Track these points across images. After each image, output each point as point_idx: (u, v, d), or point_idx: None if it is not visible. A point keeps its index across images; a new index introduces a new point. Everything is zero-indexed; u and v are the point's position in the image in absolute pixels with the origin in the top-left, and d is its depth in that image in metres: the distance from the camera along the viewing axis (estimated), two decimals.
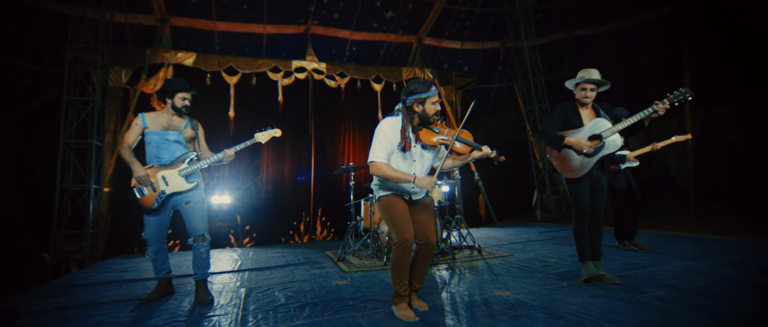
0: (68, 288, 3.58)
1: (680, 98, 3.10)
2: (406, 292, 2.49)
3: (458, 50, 8.95)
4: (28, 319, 2.68)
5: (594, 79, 3.17)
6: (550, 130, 3.21)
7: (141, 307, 2.87)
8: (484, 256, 4.32)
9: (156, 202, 2.89)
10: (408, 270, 2.48)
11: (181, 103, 3.02)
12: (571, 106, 3.29)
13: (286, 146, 7.58)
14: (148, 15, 6.80)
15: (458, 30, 8.63)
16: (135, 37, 6.89)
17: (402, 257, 2.40)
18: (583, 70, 3.24)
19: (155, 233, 2.97)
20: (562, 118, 3.25)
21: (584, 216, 3.16)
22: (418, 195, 2.59)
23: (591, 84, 3.19)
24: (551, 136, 3.19)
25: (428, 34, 8.53)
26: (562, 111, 3.27)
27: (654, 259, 3.77)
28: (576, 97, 3.28)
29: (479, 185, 8.03)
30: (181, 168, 2.94)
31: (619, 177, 4.38)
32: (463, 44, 8.86)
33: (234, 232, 7.05)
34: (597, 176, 3.23)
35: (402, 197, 2.53)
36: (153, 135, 2.96)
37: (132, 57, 6.74)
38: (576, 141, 3.09)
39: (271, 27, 7.53)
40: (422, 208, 2.59)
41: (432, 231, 2.54)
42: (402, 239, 2.37)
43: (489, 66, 9.21)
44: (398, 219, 2.42)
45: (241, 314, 2.66)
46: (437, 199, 4.50)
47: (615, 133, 3.13)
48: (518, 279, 3.30)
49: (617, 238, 4.46)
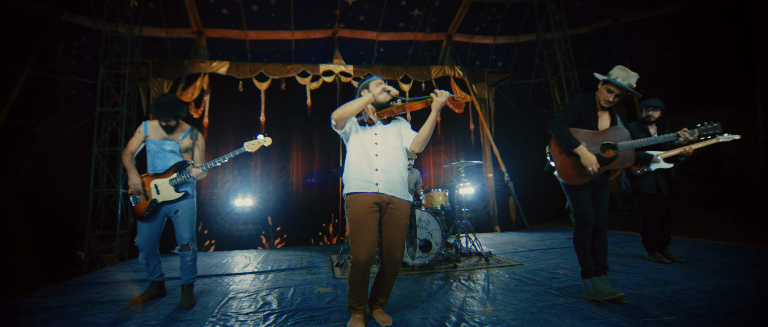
0: (80, 286, 3.91)
1: (711, 132, 2.76)
2: (362, 307, 2.40)
3: (491, 45, 8.56)
4: (31, 315, 2.96)
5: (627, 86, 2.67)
6: (565, 126, 2.78)
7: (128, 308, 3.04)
8: (491, 264, 4.09)
9: (147, 210, 3.06)
10: (365, 288, 2.38)
11: (164, 123, 3.12)
12: (590, 100, 2.88)
13: (314, 149, 7.73)
14: (186, 28, 7.28)
15: (490, 24, 8.25)
16: (175, 49, 7.42)
17: (355, 276, 2.31)
18: (621, 69, 2.76)
19: (146, 239, 3.11)
20: (578, 111, 2.84)
21: (587, 225, 2.84)
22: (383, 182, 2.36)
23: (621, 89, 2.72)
24: (566, 136, 2.75)
25: (458, 30, 8.26)
26: (580, 103, 2.85)
27: (684, 275, 3.33)
28: (597, 96, 2.86)
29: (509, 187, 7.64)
30: (171, 177, 3.09)
31: (647, 180, 3.92)
32: (495, 39, 8.47)
33: (265, 233, 7.32)
34: (600, 182, 2.90)
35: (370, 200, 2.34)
36: (152, 144, 3.12)
37: (172, 68, 7.26)
38: (587, 155, 2.68)
39: (298, 33, 7.73)
40: (393, 222, 2.41)
41: (397, 248, 2.41)
42: (356, 259, 2.27)
43: (525, 60, 8.71)
44: (358, 233, 2.29)
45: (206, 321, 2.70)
46: (440, 203, 4.33)
47: (632, 148, 2.79)
48: (511, 293, 3.07)
49: (647, 248, 4.00)
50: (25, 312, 3.08)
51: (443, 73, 8.37)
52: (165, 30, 7.18)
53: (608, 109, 2.91)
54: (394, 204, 2.41)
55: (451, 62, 8.42)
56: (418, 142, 2.49)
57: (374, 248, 2.30)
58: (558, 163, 2.91)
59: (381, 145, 2.45)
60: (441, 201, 4.32)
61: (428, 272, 3.86)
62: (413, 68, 8.31)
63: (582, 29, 8.19)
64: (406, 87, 8.19)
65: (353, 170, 2.43)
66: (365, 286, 2.38)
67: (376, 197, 2.37)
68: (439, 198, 4.33)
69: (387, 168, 2.42)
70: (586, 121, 2.85)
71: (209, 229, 7.11)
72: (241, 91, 7.49)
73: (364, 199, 2.34)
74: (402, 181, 2.47)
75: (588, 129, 2.85)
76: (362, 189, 2.36)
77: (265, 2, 7.15)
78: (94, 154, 5.82)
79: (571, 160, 2.84)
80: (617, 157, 2.79)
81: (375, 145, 2.45)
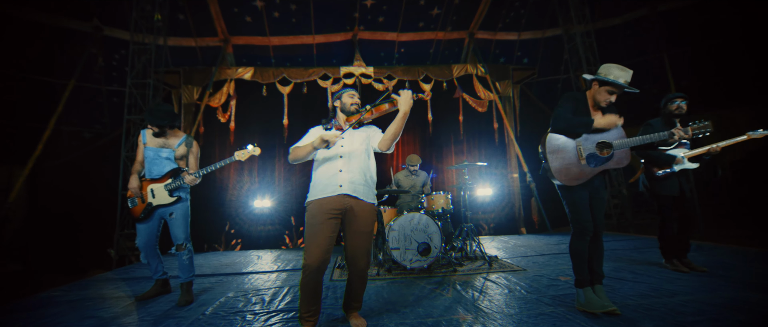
0: (101, 282, 4.23)
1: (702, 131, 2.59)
2: (314, 319, 2.33)
3: (515, 41, 8.28)
4: (51, 308, 3.26)
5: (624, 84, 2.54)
6: (568, 116, 2.64)
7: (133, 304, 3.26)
8: (493, 269, 3.96)
9: (143, 212, 3.26)
10: (317, 297, 2.33)
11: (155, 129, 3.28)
12: (582, 97, 2.74)
13: None
14: (213, 37, 7.67)
15: (513, 20, 7.99)
16: (204, 57, 7.84)
17: (306, 285, 2.27)
18: (618, 68, 2.60)
19: (145, 241, 3.31)
20: (572, 107, 2.70)
21: (585, 232, 2.66)
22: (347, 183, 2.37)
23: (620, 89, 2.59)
24: (575, 121, 2.62)
25: (480, 27, 8.07)
26: (573, 100, 2.71)
27: (699, 285, 3.05)
28: (595, 98, 2.68)
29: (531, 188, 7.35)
30: (166, 182, 3.28)
31: (670, 182, 3.62)
32: (520, 35, 8.18)
33: (288, 233, 7.54)
34: (598, 184, 2.73)
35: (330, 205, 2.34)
36: (149, 150, 3.32)
37: (201, 76, 7.68)
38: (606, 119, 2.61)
39: (319, 37, 7.89)
40: (355, 231, 2.40)
41: (361, 256, 2.40)
42: (307, 264, 2.24)
43: (552, 55, 8.34)
44: (312, 238, 2.28)
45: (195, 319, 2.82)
46: (441, 206, 4.25)
47: (627, 147, 2.63)
48: (501, 300, 2.97)
49: (664, 255, 3.70)
50: (46, 304, 3.40)
51: (465, 72, 8.21)
52: (194, 39, 7.60)
53: (599, 109, 2.74)
54: (355, 210, 2.39)
55: (474, 60, 8.24)
56: (386, 140, 2.47)
57: (327, 255, 2.28)
58: (554, 163, 2.74)
59: (346, 148, 2.48)
60: (442, 204, 4.25)
61: (425, 276, 3.81)
62: (434, 68, 8.23)
63: (614, 20, 7.71)
64: (427, 87, 8.13)
65: (317, 176, 2.47)
66: (318, 295, 2.32)
67: (337, 202, 2.35)
68: (440, 201, 4.26)
69: (350, 169, 2.43)
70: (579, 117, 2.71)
71: (236, 229, 7.44)
72: (265, 96, 7.77)
73: (323, 205, 2.34)
74: (365, 183, 2.47)
75: None
76: (324, 194, 2.37)
77: (286, 8, 7.37)
78: (122, 159, 6.28)
79: (568, 161, 2.69)
80: (613, 156, 2.63)
81: (341, 147, 2.48)
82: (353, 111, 2.54)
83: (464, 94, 8.15)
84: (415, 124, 8.12)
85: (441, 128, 8.13)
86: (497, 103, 8.02)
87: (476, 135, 8.18)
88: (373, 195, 2.52)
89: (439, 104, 8.18)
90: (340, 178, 2.39)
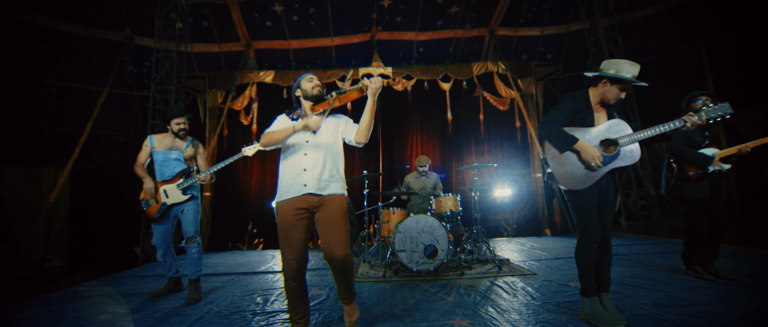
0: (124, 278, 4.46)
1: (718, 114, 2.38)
2: (303, 320, 2.31)
3: (538, 37, 8.00)
4: (76, 302, 3.47)
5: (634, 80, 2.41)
6: (557, 124, 2.51)
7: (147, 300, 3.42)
8: (502, 273, 3.83)
9: (158, 212, 3.42)
10: (302, 298, 2.30)
11: (176, 127, 3.49)
12: (583, 98, 2.60)
13: (355, 151, 7.90)
14: (236, 42, 7.90)
15: (535, 15, 7.72)
16: (227, 62, 8.09)
17: (290, 289, 2.26)
18: (628, 63, 2.45)
19: (161, 239, 3.47)
20: (572, 110, 2.55)
21: (592, 239, 2.49)
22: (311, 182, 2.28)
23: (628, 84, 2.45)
24: (560, 134, 2.48)
25: (501, 23, 7.86)
26: (573, 102, 2.57)
27: (721, 295, 2.82)
28: (602, 94, 2.53)
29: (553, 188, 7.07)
30: (179, 182, 3.42)
31: (702, 184, 3.36)
32: (542, 30, 7.89)
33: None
34: (605, 185, 2.57)
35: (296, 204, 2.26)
36: (158, 154, 3.50)
37: (225, 80, 7.95)
38: (588, 149, 2.42)
39: (338, 39, 7.96)
40: (324, 218, 2.28)
41: (337, 243, 2.23)
42: (286, 269, 2.24)
43: (578, 50, 7.98)
44: (285, 242, 2.25)
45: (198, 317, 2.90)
46: (449, 208, 4.16)
47: (635, 142, 2.47)
48: (502, 306, 2.87)
49: (685, 261, 3.44)
50: (73, 298, 3.62)
51: (486, 70, 8.03)
52: (218, 45, 7.86)
53: (603, 105, 2.59)
54: (323, 203, 2.30)
55: (494, 57, 8.04)
56: (361, 132, 2.38)
57: (303, 256, 2.26)
58: (557, 168, 2.61)
59: (311, 144, 2.36)
60: (450, 206, 4.16)
61: (431, 279, 3.75)
62: (454, 66, 8.10)
63: (647, 10, 7.28)
64: (447, 85, 8.02)
65: (283, 173, 2.37)
66: (303, 296, 2.30)
67: (303, 201, 2.27)
68: (448, 203, 4.17)
69: (315, 166, 2.31)
70: (580, 120, 2.56)
71: (259, 229, 7.64)
72: (286, 98, 7.92)
73: (290, 205, 2.27)
74: (331, 179, 2.35)
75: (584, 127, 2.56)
76: (290, 194, 2.29)
77: (304, 12, 7.47)
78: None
79: (571, 163, 2.56)
80: (619, 153, 2.48)
81: (306, 143, 2.36)
82: (317, 95, 2.41)
83: (485, 93, 7.97)
84: (434, 124, 8.04)
85: (461, 128, 7.99)
86: (519, 102, 7.78)
87: (497, 134, 7.98)
88: (341, 187, 2.41)
89: (459, 103, 8.04)
90: (305, 178, 2.29)
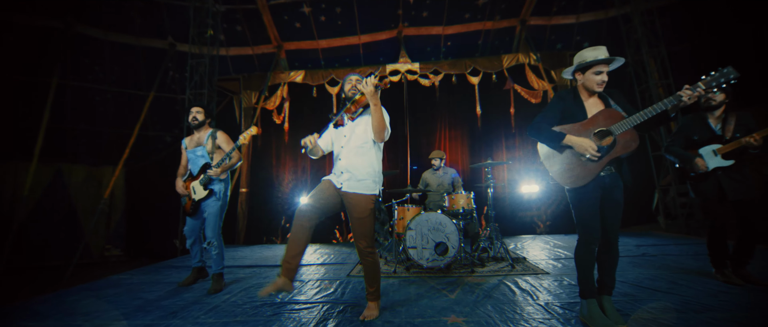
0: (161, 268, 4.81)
1: (720, 81, 2.13)
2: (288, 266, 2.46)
3: (573, 25, 7.60)
4: (116, 288, 3.82)
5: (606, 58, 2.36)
6: (544, 125, 2.48)
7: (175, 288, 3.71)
8: (515, 271, 3.72)
9: (191, 208, 3.70)
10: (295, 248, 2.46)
11: (190, 117, 3.71)
12: (570, 93, 2.54)
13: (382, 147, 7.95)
14: (267, 45, 8.22)
15: (570, 2, 7.34)
16: (260, 64, 8.44)
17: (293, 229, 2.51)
18: (589, 49, 2.44)
19: (190, 229, 3.75)
20: (559, 109, 2.51)
21: (591, 241, 2.37)
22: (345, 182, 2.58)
23: (605, 65, 2.39)
24: (548, 134, 2.45)
25: (533, 12, 7.56)
26: (559, 101, 2.53)
27: (745, 301, 2.58)
28: (584, 86, 2.47)
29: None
30: (201, 178, 3.65)
31: (708, 183, 3.11)
32: (578, 17, 7.49)
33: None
34: (610, 183, 2.43)
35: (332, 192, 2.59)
36: (189, 153, 3.76)
37: (258, 81, 8.30)
38: (578, 141, 2.35)
39: (365, 36, 8.04)
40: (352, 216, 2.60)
41: (359, 238, 2.59)
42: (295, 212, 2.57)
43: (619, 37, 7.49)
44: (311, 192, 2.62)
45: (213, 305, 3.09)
46: (461, 206, 4.09)
47: (630, 127, 2.33)
48: (504, 304, 2.81)
49: (714, 264, 3.16)
50: (114, 285, 4.00)
51: (517, 62, 7.77)
52: (251, 48, 8.22)
53: (597, 95, 2.46)
54: (350, 202, 2.58)
55: (526, 49, 7.76)
56: (375, 133, 2.58)
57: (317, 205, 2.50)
58: (553, 166, 2.53)
59: (346, 147, 2.64)
60: (463, 204, 4.10)
61: (439, 276, 3.73)
62: (483, 59, 7.91)
63: None
64: (475, 79, 7.85)
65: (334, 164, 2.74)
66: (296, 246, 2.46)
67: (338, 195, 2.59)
68: (460, 201, 4.11)
69: (348, 167, 2.59)
70: (571, 116, 2.47)
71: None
72: (315, 97, 8.15)
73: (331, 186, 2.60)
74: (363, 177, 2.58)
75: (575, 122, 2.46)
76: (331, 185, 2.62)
77: (331, 12, 7.62)
78: None
79: (567, 159, 2.46)
80: (616, 141, 2.34)
81: (341, 148, 2.66)
82: (350, 97, 2.69)
83: (515, 85, 7.72)
84: (462, 119, 7.90)
85: (491, 122, 7.80)
86: (550, 94, 7.46)
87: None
88: (366, 186, 2.60)
89: (488, 97, 7.85)
90: (340, 179, 2.60)
